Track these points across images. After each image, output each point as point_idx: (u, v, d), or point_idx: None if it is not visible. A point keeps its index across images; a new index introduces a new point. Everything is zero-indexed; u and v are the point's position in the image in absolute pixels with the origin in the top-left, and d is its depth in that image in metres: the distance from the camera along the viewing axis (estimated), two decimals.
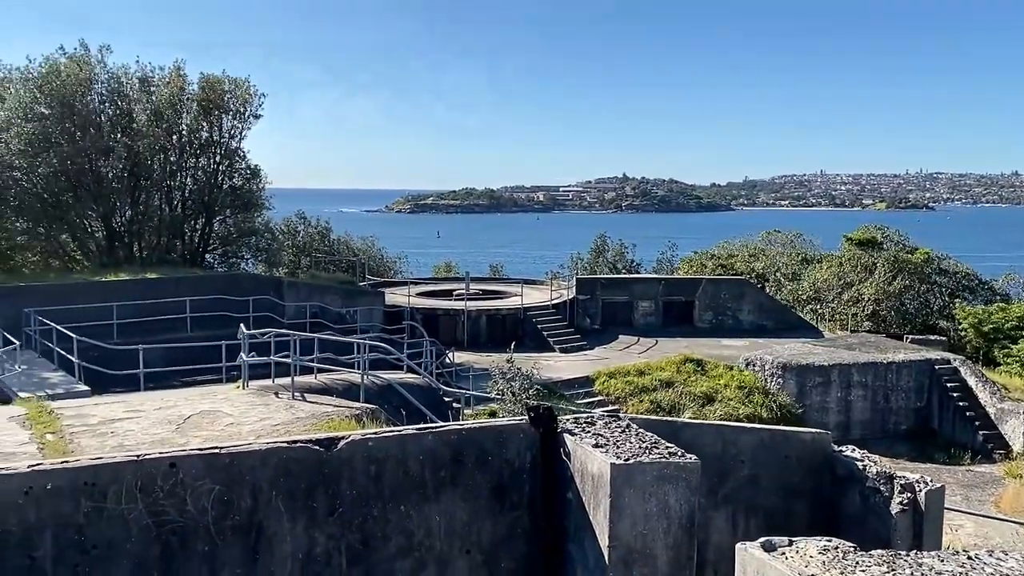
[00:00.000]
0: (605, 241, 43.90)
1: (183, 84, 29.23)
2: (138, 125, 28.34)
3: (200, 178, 30.30)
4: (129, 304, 22.75)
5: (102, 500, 4.70)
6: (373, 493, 5.29)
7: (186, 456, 4.94)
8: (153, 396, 14.15)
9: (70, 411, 12.08)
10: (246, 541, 5.03)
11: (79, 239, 29.30)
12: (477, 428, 5.77)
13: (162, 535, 4.87)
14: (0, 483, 4.57)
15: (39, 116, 26.78)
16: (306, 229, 40.82)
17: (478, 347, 27.43)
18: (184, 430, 11.25)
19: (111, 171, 28.21)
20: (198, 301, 23.81)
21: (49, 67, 27.07)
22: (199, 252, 30.86)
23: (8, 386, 16.18)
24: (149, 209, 29.43)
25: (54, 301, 21.58)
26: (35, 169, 27.16)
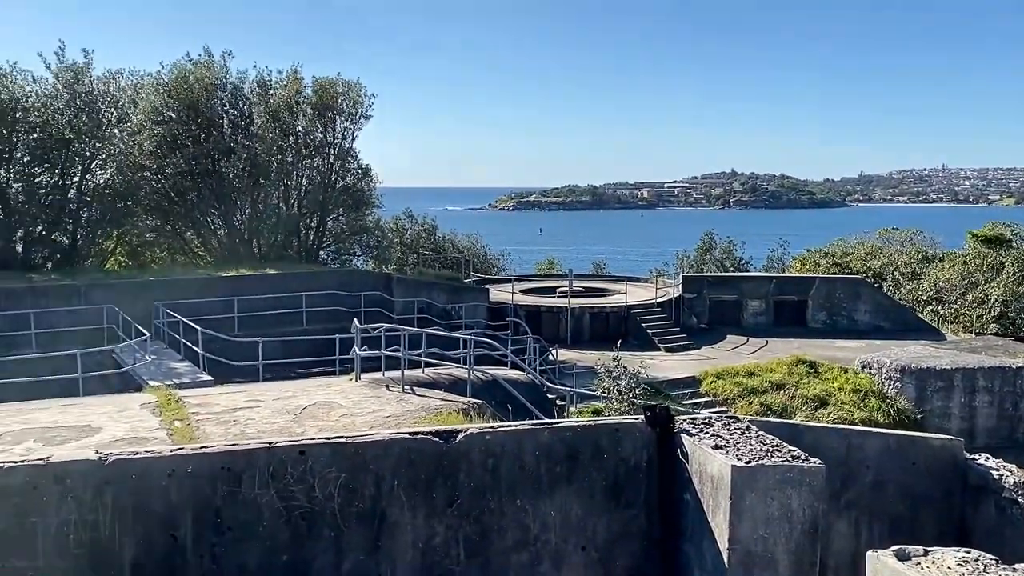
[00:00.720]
0: (712, 238, 42.96)
1: (299, 87, 30.35)
2: (257, 127, 29.62)
3: (315, 178, 31.41)
4: (249, 298, 23.82)
5: (237, 485, 4.92)
6: (490, 486, 5.34)
7: (314, 444, 5.11)
8: (272, 387, 14.68)
9: (196, 399, 12.64)
10: (369, 528, 5.17)
11: (203, 236, 30.88)
12: (593, 425, 5.74)
13: (291, 519, 5.06)
14: (148, 465, 4.85)
15: (168, 119, 28.38)
16: (413, 227, 41.65)
17: (581, 344, 27.33)
18: (301, 420, 11.63)
19: (232, 171, 29.59)
20: (313, 296, 24.69)
21: (177, 73, 28.63)
22: (314, 249, 32.00)
23: (139, 375, 17.15)
24: (267, 208, 30.72)
25: (180, 295, 22.79)
26: (163, 170, 28.80)
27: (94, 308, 21.67)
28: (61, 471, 4.70)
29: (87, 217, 27.91)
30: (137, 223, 29.20)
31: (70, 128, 25.90)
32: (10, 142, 25.34)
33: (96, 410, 11.56)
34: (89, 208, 27.71)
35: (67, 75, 26.52)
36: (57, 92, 26.43)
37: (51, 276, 23.91)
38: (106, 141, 27.23)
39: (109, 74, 27.91)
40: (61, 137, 25.75)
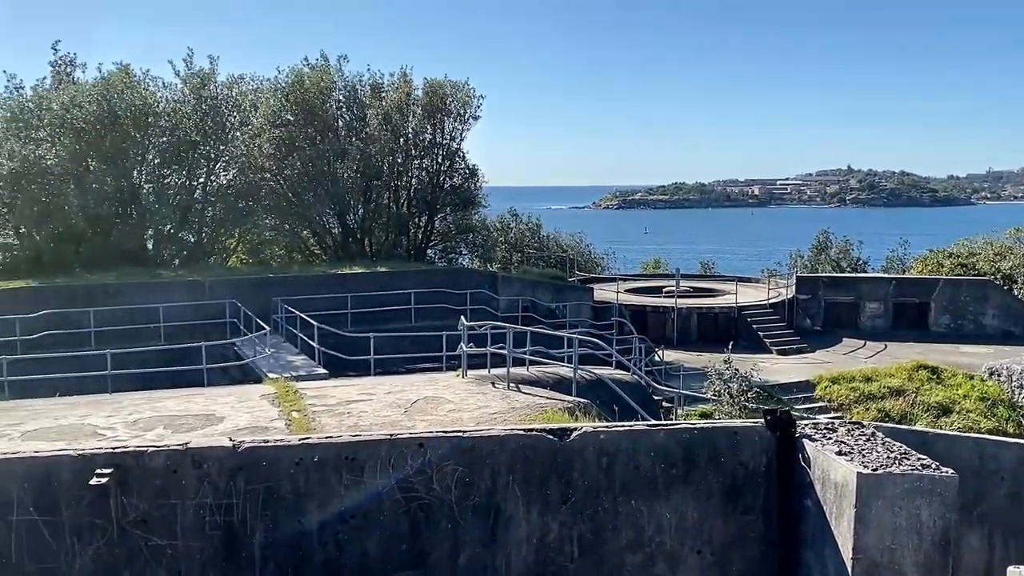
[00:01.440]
0: (828, 237, 41.38)
1: (409, 89, 31.05)
2: (370, 129, 30.47)
3: (424, 178, 32.07)
4: (361, 295, 24.55)
5: (360, 474, 5.08)
6: (604, 485, 5.32)
7: (433, 437, 5.22)
8: (382, 381, 14.99)
9: (311, 391, 13.03)
10: (485, 522, 5.24)
11: (318, 235, 32.05)
12: (710, 428, 5.64)
13: (411, 510, 5.19)
14: (277, 453, 5.08)
15: (286, 122, 29.57)
16: (517, 226, 41.90)
17: (688, 346, 26.85)
18: (411, 414, 11.85)
19: (346, 172, 30.56)
20: (420, 293, 25.20)
21: (295, 77, 29.79)
22: (422, 247, 32.68)
23: (259, 367, 17.91)
24: (379, 207, 31.59)
25: (297, 291, 23.71)
26: (282, 171, 30.03)
27: (217, 303, 22.80)
28: (199, 456, 4.98)
29: (211, 216, 29.42)
30: (257, 222, 30.58)
31: (197, 131, 27.36)
32: (143, 145, 26.97)
33: (219, 400, 12.06)
34: (213, 208, 29.20)
35: (194, 81, 28.01)
36: (185, 97, 27.96)
37: (178, 272, 25.29)
38: (229, 144, 28.64)
39: (232, 79, 29.34)
40: (189, 140, 27.23)
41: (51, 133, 25.59)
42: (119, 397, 12.49)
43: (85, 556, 4.82)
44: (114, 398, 12.36)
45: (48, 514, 4.78)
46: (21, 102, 26.34)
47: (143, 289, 22.64)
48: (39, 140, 25.40)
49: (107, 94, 25.65)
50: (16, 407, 11.55)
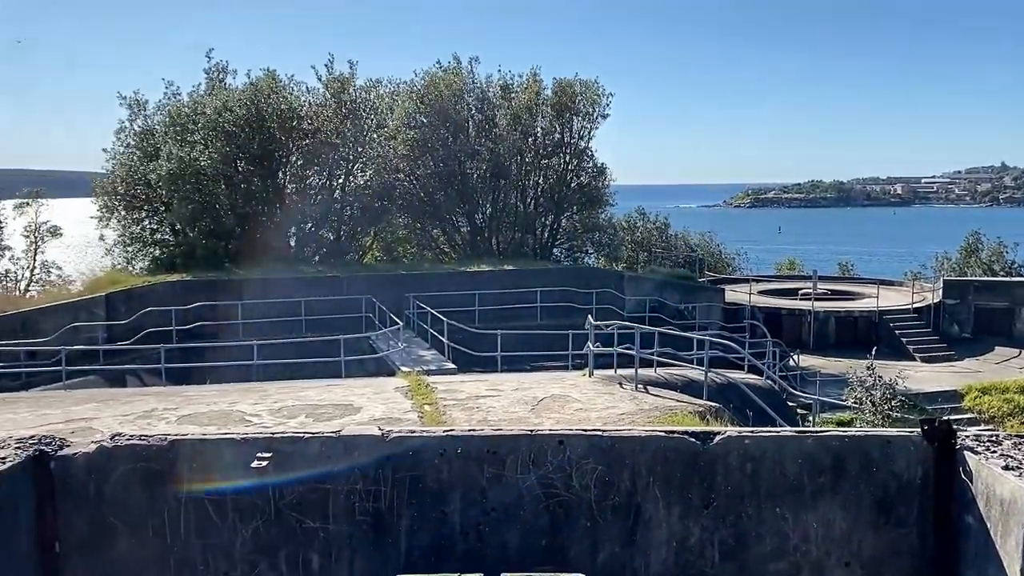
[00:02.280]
0: (979, 239, 38.73)
1: (538, 89, 31.29)
2: (499, 129, 30.91)
3: (551, 177, 32.25)
4: (489, 293, 24.97)
5: (501, 468, 5.19)
6: (748, 491, 5.20)
7: (573, 435, 5.26)
8: (509, 377, 15.11)
9: (442, 386, 13.28)
10: (624, 522, 5.24)
11: (447, 233, 32.82)
12: (861, 436, 5.41)
13: (550, 506, 5.25)
14: (423, 443, 5.26)
15: (419, 124, 30.43)
16: (645, 224, 41.46)
17: (825, 351, 25.82)
18: (538, 411, 11.92)
19: (475, 172, 31.16)
20: (547, 292, 25.36)
21: (429, 80, 30.61)
22: (548, 246, 32.87)
23: (392, 360, 18.50)
24: (506, 206, 32.03)
25: (428, 288, 24.36)
26: (415, 172, 30.92)
27: (354, 298, 23.75)
28: (350, 443, 5.22)
29: (349, 215, 30.63)
30: (391, 221, 31.63)
31: (336, 134, 28.55)
32: (287, 148, 28.38)
33: (357, 391, 12.45)
34: (351, 207, 30.39)
35: (335, 85, 29.24)
36: (326, 101, 29.22)
37: (318, 268, 26.46)
38: (366, 146, 29.73)
39: (370, 83, 30.43)
40: (329, 142, 28.45)
41: (204, 136, 27.30)
42: (264, 386, 13.11)
43: (246, 535, 5.16)
44: (260, 386, 12.98)
45: (213, 493, 5.15)
46: (178, 107, 28.28)
47: (286, 284, 23.84)
48: (194, 143, 27.17)
49: (255, 99, 27.16)
50: (173, 392, 12.37)
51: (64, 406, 10.86)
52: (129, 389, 15.90)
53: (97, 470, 5.02)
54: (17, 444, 4.98)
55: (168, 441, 5.11)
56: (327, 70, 29.57)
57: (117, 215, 28.96)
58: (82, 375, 17.92)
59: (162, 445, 5.11)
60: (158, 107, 29.09)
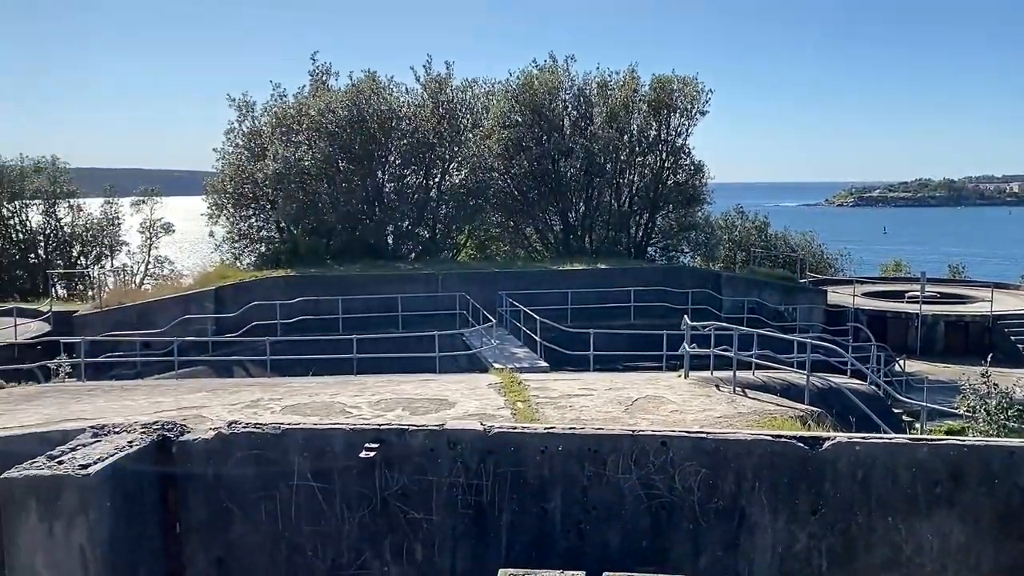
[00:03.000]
0: None
1: (636, 86, 30.99)
2: (594, 127, 30.78)
3: (646, 175, 31.90)
4: (581, 291, 24.91)
5: (602, 467, 5.20)
6: (858, 499, 5.05)
7: (676, 436, 5.22)
8: (602, 377, 15.01)
9: (534, 383, 13.29)
10: (728, 526, 5.17)
11: (540, 232, 32.91)
12: (982, 446, 5.17)
13: (652, 507, 5.23)
14: (524, 440, 5.33)
15: (514, 123, 30.60)
16: (743, 223, 40.50)
17: (932, 356, 24.67)
18: (632, 411, 11.80)
19: (569, 170, 31.12)
20: (641, 291, 25.10)
21: (524, 79, 30.74)
22: (642, 245, 32.54)
23: (485, 357, 18.69)
24: (600, 205, 31.86)
25: (520, 286, 24.48)
26: (509, 170, 31.13)
27: (448, 295, 24.10)
28: (453, 437, 5.33)
29: (444, 213, 31.11)
30: (485, 219, 31.93)
31: (434, 133, 29.03)
32: (386, 147, 29.04)
33: (451, 386, 12.60)
34: (446, 205, 30.86)
35: (432, 86, 29.73)
36: (424, 101, 29.75)
37: (414, 266, 26.96)
38: (462, 145, 30.12)
39: (466, 83, 30.81)
40: (426, 142, 28.95)
41: (308, 136, 28.22)
42: (363, 379, 13.42)
43: (353, 523, 5.33)
44: (359, 379, 13.30)
45: (322, 481, 5.34)
46: (284, 108, 29.31)
47: (383, 280, 24.40)
48: (298, 143, 28.11)
49: (357, 100, 27.89)
50: (277, 383, 12.82)
51: (176, 394, 11.40)
52: (236, 379, 16.56)
53: (215, 456, 5.28)
54: (143, 429, 5.29)
55: (281, 430, 5.32)
56: (425, 71, 30.13)
57: (226, 212, 30.26)
58: (192, 365, 18.84)
59: (275, 433, 5.33)
60: (265, 108, 30.25)
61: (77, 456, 5.10)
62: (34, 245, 35.23)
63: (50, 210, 35.19)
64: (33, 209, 35.16)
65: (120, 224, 36.39)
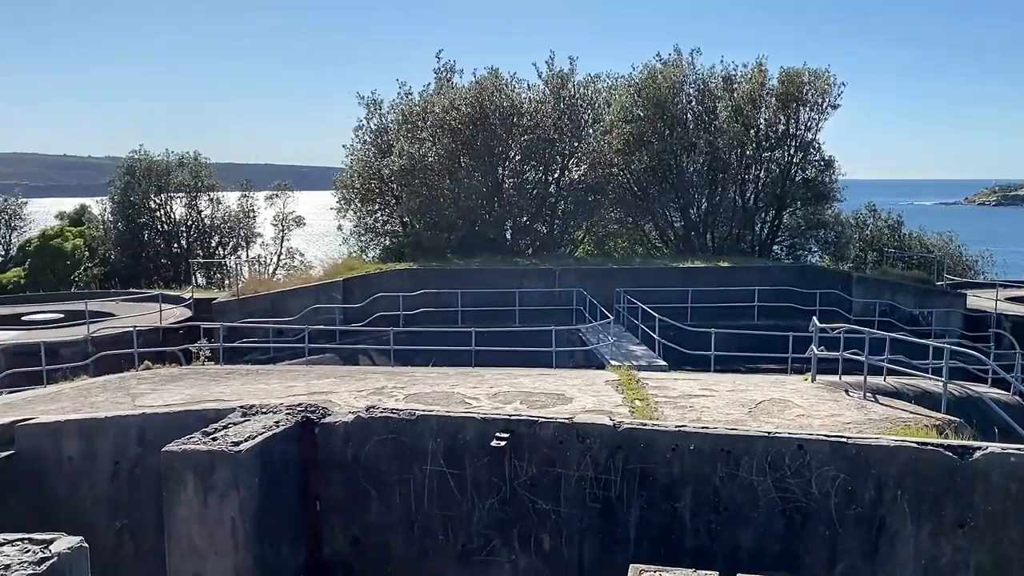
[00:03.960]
0: None
1: (763, 79, 30.12)
2: (719, 122, 30.10)
3: (773, 171, 30.98)
4: (702, 289, 24.44)
5: (735, 468, 5.13)
6: (1012, 514, 4.77)
7: (813, 440, 5.09)
8: (723, 378, 14.71)
9: (653, 382, 13.15)
10: (867, 534, 5.00)
11: (660, 228, 32.47)
12: None
13: (786, 511, 5.12)
14: (654, 437, 5.33)
15: (636, 118, 30.31)
16: (875, 222, 38.62)
17: None
18: (755, 414, 11.51)
19: (692, 166, 30.56)
20: (765, 291, 24.40)
21: (647, 73, 30.41)
22: (767, 243, 31.62)
23: (601, 354, 18.63)
24: (723, 201, 31.13)
25: (639, 283, 24.25)
26: (629, 166, 30.86)
27: (565, 290, 24.16)
28: (583, 431, 5.38)
29: (562, 209, 31.18)
30: (604, 215, 31.79)
31: (554, 129, 29.13)
32: (507, 143, 29.36)
33: (568, 381, 12.63)
34: (565, 201, 30.91)
35: (554, 82, 29.83)
36: (545, 97, 29.89)
37: (532, 261, 27.16)
38: (582, 140, 30.09)
39: (589, 79, 30.75)
40: (547, 138, 29.09)
41: (432, 133, 28.88)
42: (481, 371, 13.65)
43: (482, 509, 5.47)
44: (477, 371, 13.53)
45: (454, 467, 5.50)
46: (410, 106, 30.11)
47: (501, 275, 24.71)
48: (422, 140, 28.81)
49: (480, 97, 28.33)
50: (400, 372, 13.23)
51: (307, 380, 11.95)
52: (361, 367, 17.20)
53: (354, 438, 5.53)
54: (287, 411, 5.60)
55: (416, 416, 5.52)
56: (548, 67, 30.25)
57: (353, 207, 31.40)
58: (320, 352, 19.68)
59: (410, 419, 5.53)
60: (392, 106, 31.16)
61: (229, 433, 5.47)
62: (177, 235, 37.61)
63: (192, 203, 37.46)
64: (177, 202, 37.53)
65: (255, 217, 38.38)
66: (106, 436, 7.04)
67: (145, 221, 36.72)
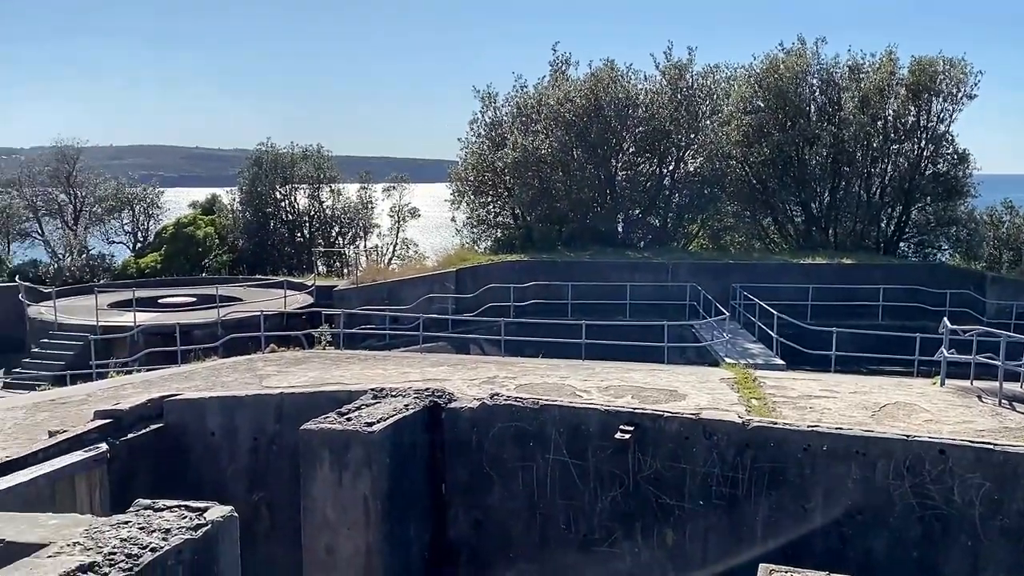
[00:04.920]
0: None
1: (892, 69, 28.73)
2: (844, 113, 28.94)
3: (901, 164, 29.52)
4: (822, 287, 23.62)
5: (870, 471, 4.99)
6: None
7: (955, 446, 4.90)
8: (845, 379, 14.21)
9: (770, 381, 12.82)
10: (1016, 547, 4.77)
11: (779, 223, 31.50)
12: None
13: (924, 518, 4.95)
14: (784, 436, 5.26)
15: (756, 109, 29.49)
16: (1012, 219, 36.18)
17: None
18: (879, 418, 11.09)
19: (814, 158, 29.49)
20: (890, 289, 23.40)
21: (768, 63, 29.52)
22: (893, 240, 30.21)
23: (715, 350, 18.31)
24: (847, 195, 29.93)
25: (755, 279, 23.67)
26: (748, 158, 30.07)
27: (678, 285, 23.84)
28: (709, 428, 5.35)
29: (676, 202, 30.71)
30: (720, 208, 31.12)
31: (670, 121, 28.70)
32: (621, 135, 29.14)
33: (680, 378, 12.47)
34: (679, 194, 30.43)
35: (672, 72, 29.38)
36: (662, 88, 29.47)
37: (644, 254, 26.90)
38: (699, 132, 29.52)
39: (707, 69, 30.13)
40: (662, 129, 28.70)
41: (545, 126, 28.97)
42: (591, 364, 13.64)
43: (604, 500, 5.52)
44: (587, 364, 13.54)
45: (576, 458, 5.57)
46: (525, 99, 30.31)
47: (613, 268, 24.61)
48: (536, 132, 28.95)
49: (595, 88, 28.22)
50: (511, 362, 13.37)
51: (421, 367, 12.27)
52: (473, 356, 17.50)
53: (479, 424, 5.68)
54: (415, 394, 5.81)
55: (539, 405, 5.63)
56: (665, 57, 29.82)
57: (467, 199, 31.89)
58: (434, 340, 20.16)
59: (534, 408, 5.64)
60: (507, 99, 31.44)
61: (362, 414, 5.73)
62: (300, 225, 39.17)
63: (314, 194, 38.90)
64: (300, 192, 39.08)
65: (373, 208, 39.52)
66: (246, 413, 7.50)
67: (271, 211, 38.36)
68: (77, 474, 6.86)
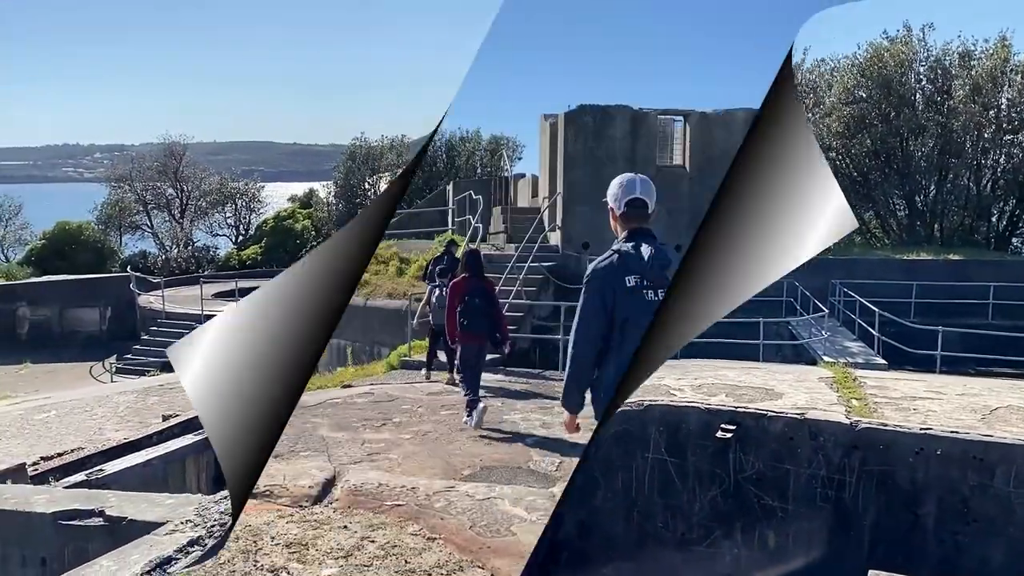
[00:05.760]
0: None
1: (1007, 55, 27.26)
2: (953, 102, 27.65)
3: (1015, 156, 28.00)
4: (927, 284, 22.71)
5: (989, 478, 4.80)
6: None
7: None
8: (952, 380, 13.62)
9: (871, 381, 12.44)
10: None
11: (882, 217, 30.38)
12: None
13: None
14: (895, 438, 5.10)
15: (859, 99, 28.50)
16: None
17: None
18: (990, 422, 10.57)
19: (920, 150, 28.31)
20: (1003, 287, 22.32)
21: (872, 52, 28.48)
22: (1005, 235, 28.74)
23: (813, 349, 17.85)
24: (956, 188, 28.61)
25: (856, 275, 22.92)
26: (849, 150, 29.08)
27: (775, 281, 23.27)
28: (815, 428, 5.24)
29: None
30: None
31: None
32: None
33: (776, 376, 12.19)
34: None
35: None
36: None
37: None
38: None
39: (814, 63, 29.36)
40: None
41: None
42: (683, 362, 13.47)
43: (703, 500, 5.48)
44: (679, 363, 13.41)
45: (676, 456, 5.55)
46: None
47: None
48: None
49: None
50: None
51: None
52: None
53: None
54: None
55: (645, 406, 5.65)
56: None
57: None
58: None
59: (639, 409, 5.66)
60: None
61: None
62: None
63: None
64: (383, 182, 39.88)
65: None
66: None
67: (362, 202, 39.38)
68: (188, 456, 7.29)
